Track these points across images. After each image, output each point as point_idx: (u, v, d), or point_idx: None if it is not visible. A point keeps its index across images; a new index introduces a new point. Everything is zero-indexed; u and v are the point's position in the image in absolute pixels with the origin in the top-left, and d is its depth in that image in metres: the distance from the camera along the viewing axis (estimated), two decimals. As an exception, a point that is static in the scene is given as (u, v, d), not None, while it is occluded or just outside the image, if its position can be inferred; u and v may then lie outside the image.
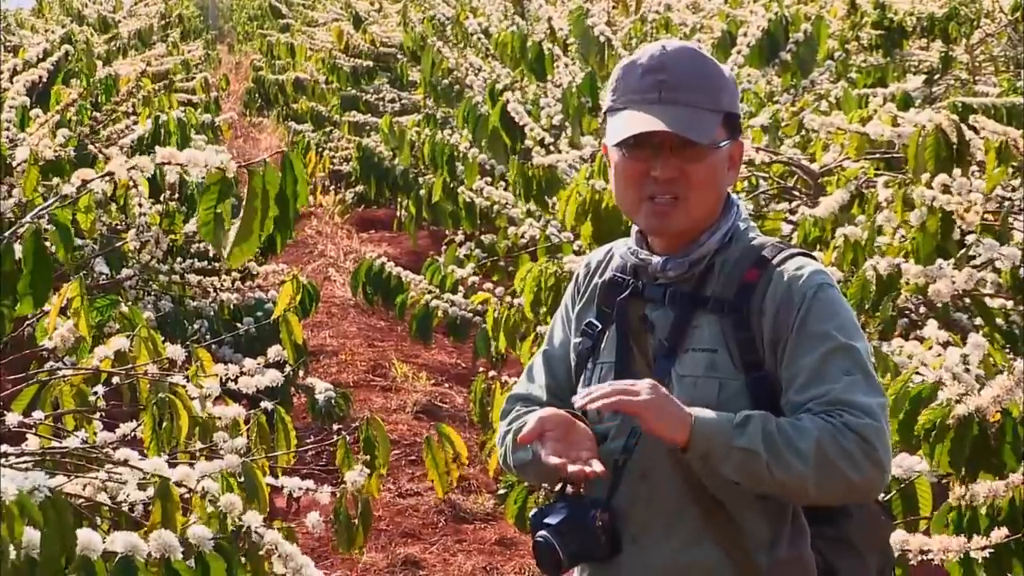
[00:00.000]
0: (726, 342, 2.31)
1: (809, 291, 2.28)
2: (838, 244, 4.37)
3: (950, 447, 3.09)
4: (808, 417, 2.19)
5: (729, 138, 2.36)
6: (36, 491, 2.18)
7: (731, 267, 2.35)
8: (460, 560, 5.52)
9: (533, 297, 4.97)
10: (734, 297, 2.32)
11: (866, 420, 2.18)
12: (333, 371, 7.78)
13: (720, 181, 2.37)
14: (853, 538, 2.36)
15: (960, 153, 4.31)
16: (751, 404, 2.27)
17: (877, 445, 2.18)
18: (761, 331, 2.30)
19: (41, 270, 2.70)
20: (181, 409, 3.12)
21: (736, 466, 2.19)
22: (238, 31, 23.24)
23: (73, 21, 10.57)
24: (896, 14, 7.66)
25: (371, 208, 11.45)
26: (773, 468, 2.17)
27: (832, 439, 2.16)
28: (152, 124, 6.24)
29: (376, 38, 11.55)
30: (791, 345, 2.26)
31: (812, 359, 2.24)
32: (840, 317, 2.28)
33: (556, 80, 7.41)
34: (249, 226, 2.51)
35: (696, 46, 2.45)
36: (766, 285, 2.31)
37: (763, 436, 2.18)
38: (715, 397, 2.29)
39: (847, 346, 2.24)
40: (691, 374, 2.32)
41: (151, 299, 5.91)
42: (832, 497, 2.24)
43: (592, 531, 2.33)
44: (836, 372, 2.22)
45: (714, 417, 2.20)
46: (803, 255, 2.36)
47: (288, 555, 2.64)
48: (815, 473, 2.17)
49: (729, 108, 2.37)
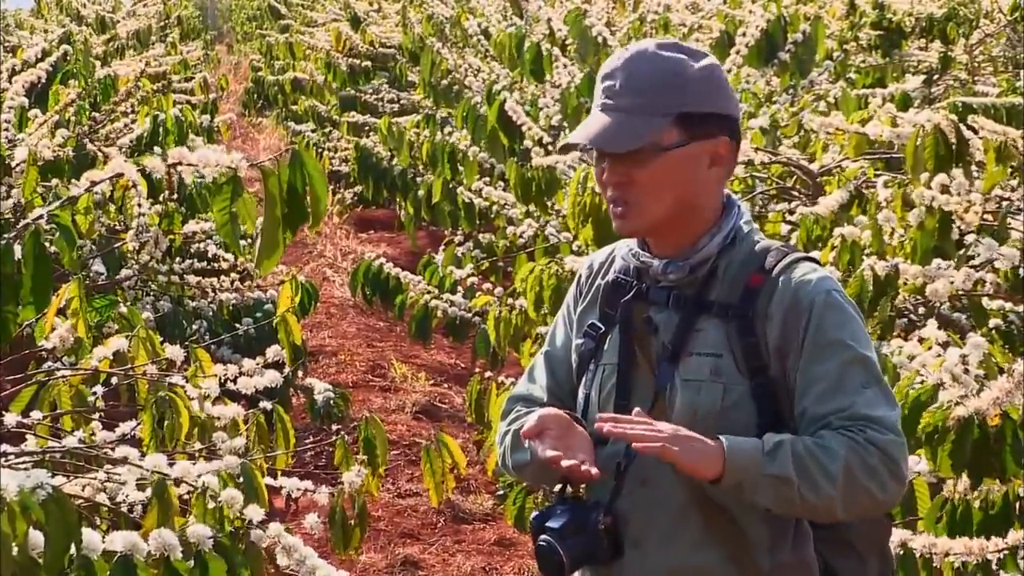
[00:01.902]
0: (730, 347, 2.29)
1: (819, 297, 2.26)
2: (836, 244, 4.37)
3: (950, 449, 3.08)
4: (832, 435, 2.18)
5: (691, 138, 2.32)
6: (39, 489, 2.17)
7: (735, 271, 2.33)
8: (459, 560, 5.51)
9: (535, 298, 4.95)
10: (738, 301, 2.30)
11: (889, 436, 2.18)
12: (332, 371, 7.78)
13: (681, 182, 2.33)
14: (853, 540, 2.35)
15: (959, 153, 4.30)
16: (755, 409, 2.27)
17: (900, 460, 2.19)
18: (766, 336, 2.28)
19: (41, 274, 2.69)
20: (182, 408, 3.12)
21: (768, 494, 2.18)
22: (237, 31, 23.23)
23: (72, 21, 10.56)
24: (895, 15, 7.65)
25: (370, 208, 11.44)
26: (805, 492, 2.16)
27: (859, 458, 2.16)
28: (150, 123, 6.24)
29: (375, 39, 11.54)
30: (805, 352, 2.24)
31: (829, 368, 2.23)
32: (852, 325, 2.27)
33: (555, 80, 7.41)
34: (273, 237, 2.50)
35: (653, 45, 2.38)
36: (772, 290, 2.29)
37: (794, 461, 2.16)
38: (719, 402, 2.28)
39: (863, 357, 2.24)
40: (695, 378, 2.31)
41: (150, 300, 5.91)
42: (857, 514, 2.24)
43: (595, 535, 2.32)
44: (855, 384, 2.22)
45: (744, 446, 2.19)
46: (808, 259, 2.34)
47: (291, 547, 2.64)
48: (843, 493, 2.16)
49: (686, 108, 2.32)
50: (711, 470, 2.18)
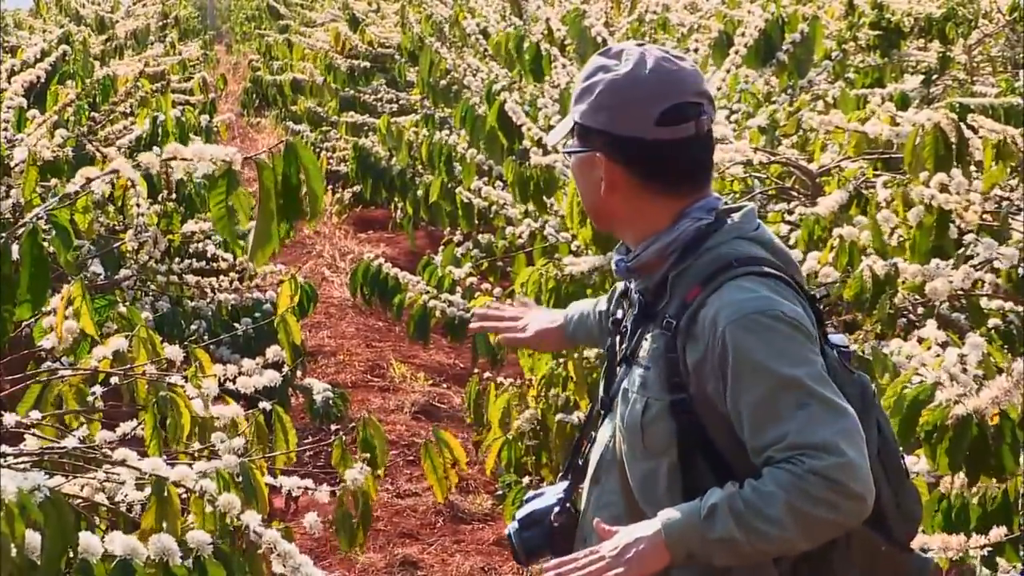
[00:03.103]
0: (659, 360, 2.27)
1: (737, 321, 2.19)
2: (835, 244, 4.37)
3: (948, 447, 3.09)
4: (770, 474, 2.13)
5: (582, 147, 2.36)
6: (36, 491, 2.17)
7: (682, 283, 2.30)
8: (458, 560, 5.51)
9: (535, 300, 4.93)
10: (673, 315, 2.28)
11: (828, 460, 2.10)
12: (331, 371, 7.78)
13: (583, 188, 2.40)
14: (834, 562, 2.28)
15: (959, 152, 4.30)
16: (673, 426, 2.24)
17: (845, 480, 2.11)
18: (685, 353, 2.24)
19: (39, 273, 2.69)
20: (183, 408, 3.12)
21: (722, 555, 2.16)
22: (236, 31, 23.21)
23: (71, 21, 10.56)
24: (894, 15, 7.65)
25: (369, 208, 11.44)
26: (756, 543, 2.13)
27: (800, 492, 2.10)
28: (150, 124, 6.24)
29: (374, 39, 11.54)
30: (730, 380, 2.19)
31: (757, 396, 2.16)
32: (777, 346, 2.18)
33: (554, 81, 7.41)
34: (267, 229, 2.51)
35: (602, 50, 2.42)
36: (699, 306, 2.25)
37: (733, 519, 2.12)
38: (640, 416, 2.28)
39: (789, 378, 2.15)
40: (631, 388, 2.32)
41: (149, 300, 5.91)
42: (825, 538, 2.19)
43: (548, 530, 2.45)
44: (787, 409, 2.14)
45: (680, 518, 2.16)
46: (755, 276, 2.26)
47: (286, 553, 2.64)
48: (795, 530, 2.12)
49: (578, 118, 2.36)
50: (660, 560, 2.17)
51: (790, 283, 2.29)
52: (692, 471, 2.24)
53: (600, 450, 2.40)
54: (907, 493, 2.37)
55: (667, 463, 2.26)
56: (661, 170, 2.32)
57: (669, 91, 2.31)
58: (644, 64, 2.32)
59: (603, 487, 2.36)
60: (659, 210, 2.34)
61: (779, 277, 2.28)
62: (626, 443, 2.31)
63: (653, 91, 2.30)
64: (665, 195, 2.33)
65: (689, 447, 2.23)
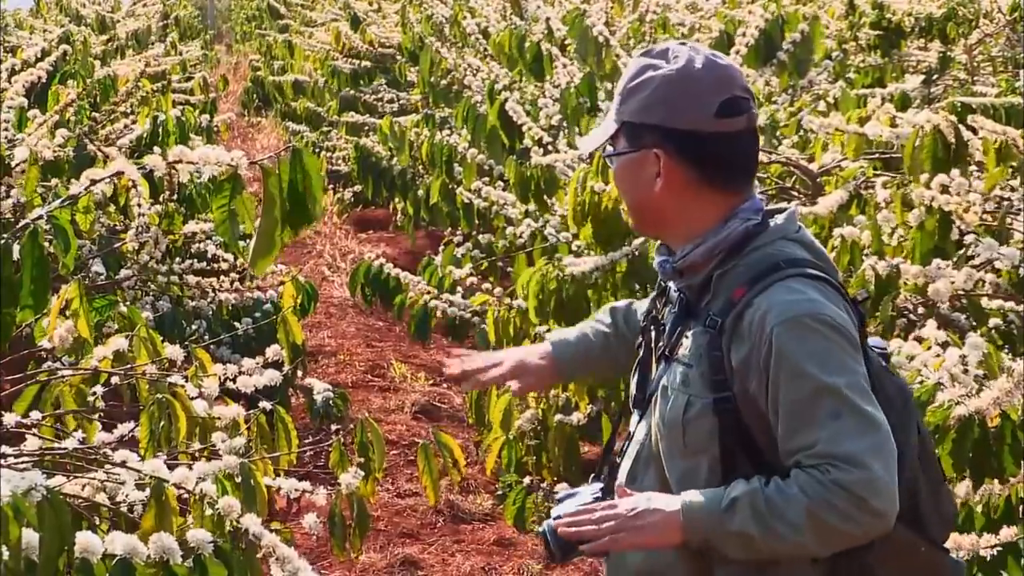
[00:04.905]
0: (702, 358, 2.28)
1: (784, 323, 2.20)
2: (835, 244, 4.37)
3: (951, 448, 3.09)
4: (797, 477, 2.15)
5: (633, 147, 2.35)
6: (33, 491, 2.17)
7: (730, 282, 2.31)
8: (458, 560, 5.51)
9: (537, 303, 4.91)
10: (718, 313, 2.29)
11: (855, 474, 2.12)
12: (331, 371, 7.78)
13: (631, 188, 2.38)
14: (875, 566, 2.27)
15: (958, 153, 4.30)
16: (717, 425, 2.25)
17: (869, 496, 2.12)
18: (730, 353, 2.25)
19: (40, 275, 2.68)
20: (179, 410, 3.11)
21: (735, 548, 2.18)
22: (236, 31, 23.21)
23: (71, 21, 10.55)
24: (894, 14, 7.65)
25: (369, 208, 11.44)
26: (771, 542, 2.16)
27: (822, 500, 2.12)
28: (150, 124, 6.24)
29: (374, 39, 11.54)
30: (772, 381, 2.20)
31: (795, 399, 2.18)
32: (822, 352, 2.19)
33: (554, 80, 7.41)
34: (270, 237, 2.48)
35: (645, 50, 2.42)
36: (745, 306, 2.25)
37: (753, 515, 2.15)
38: (681, 414, 2.28)
39: (828, 385, 2.16)
40: (671, 385, 2.32)
41: (149, 300, 5.91)
42: (838, 548, 2.20)
43: None
44: (821, 416, 2.15)
45: (701, 503, 2.19)
46: (803, 278, 2.27)
47: (285, 558, 2.64)
48: (812, 537, 2.15)
49: (628, 117, 2.36)
50: (671, 538, 2.20)
51: (836, 286, 2.31)
52: (732, 469, 2.25)
53: (636, 448, 2.41)
54: (943, 494, 2.39)
55: (707, 461, 2.28)
56: (718, 164, 2.34)
57: (723, 85, 2.32)
58: (695, 60, 2.33)
59: (640, 485, 2.35)
60: (710, 208, 2.35)
61: (826, 280, 2.29)
62: (665, 440, 2.32)
63: (710, 85, 2.32)
64: (719, 192, 2.35)
65: (730, 445, 2.25)
